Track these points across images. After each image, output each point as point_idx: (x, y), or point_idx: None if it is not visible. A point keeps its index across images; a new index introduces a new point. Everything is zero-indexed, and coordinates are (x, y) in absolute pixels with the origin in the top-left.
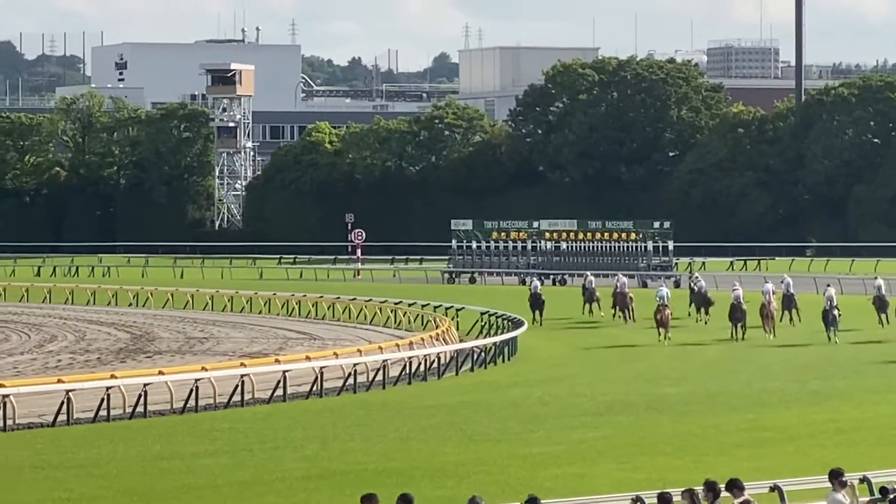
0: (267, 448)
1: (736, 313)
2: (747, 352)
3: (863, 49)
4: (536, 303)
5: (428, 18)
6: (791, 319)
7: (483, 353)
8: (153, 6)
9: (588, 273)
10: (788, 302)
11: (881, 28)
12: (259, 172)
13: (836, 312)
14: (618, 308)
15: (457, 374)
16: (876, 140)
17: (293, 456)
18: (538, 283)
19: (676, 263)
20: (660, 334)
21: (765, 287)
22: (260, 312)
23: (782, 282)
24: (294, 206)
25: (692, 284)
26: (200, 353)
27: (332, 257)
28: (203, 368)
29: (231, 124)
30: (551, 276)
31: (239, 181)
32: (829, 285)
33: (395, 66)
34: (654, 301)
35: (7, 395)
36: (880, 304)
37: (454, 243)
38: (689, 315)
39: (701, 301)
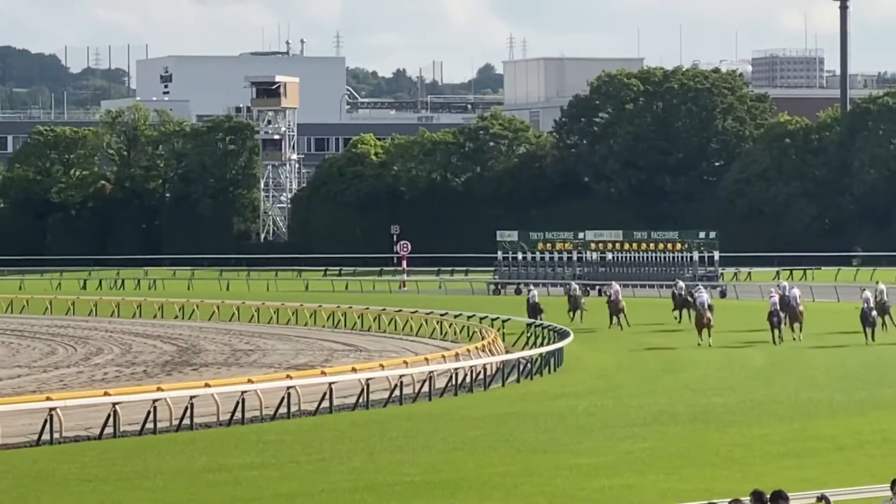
0: (313, 460)
1: (773, 318)
2: (793, 361)
3: None
4: (534, 312)
5: (472, 29)
6: (884, 325)
7: (529, 364)
8: (198, 19)
9: (572, 282)
10: (882, 309)
11: None
12: (304, 184)
13: (874, 314)
14: (612, 315)
15: (503, 385)
16: None
17: (340, 468)
18: (536, 293)
19: (722, 273)
20: (700, 337)
21: (792, 292)
22: (305, 324)
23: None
24: (339, 217)
25: (693, 293)
26: (246, 366)
27: (378, 269)
28: (249, 380)
29: (276, 137)
30: (596, 287)
31: (284, 193)
32: (877, 283)
33: (439, 77)
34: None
35: (54, 409)
36: (880, 309)
37: (500, 254)
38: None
39: (682, 303)
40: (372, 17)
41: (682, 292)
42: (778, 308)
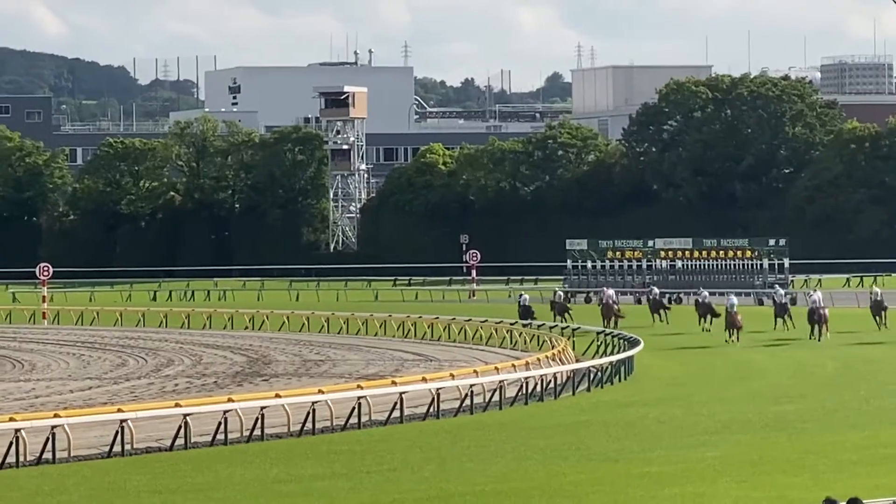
0: (384, 470)
1: (813, 316)
2: (864, 368)
3: None
4: (526, 314)
5: (541, 38)
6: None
7: (599, 373)
8: (267, 30)
9: (556, 289)
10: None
11: None
12: (373, 194)
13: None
14: (604, 319)
15: (573, 393)
16: None
17: (411, 478)
18: (527, 297)
19: (792, 281)
20: (730, 335)
21: (814, 296)
22: (376, 334)
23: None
24: (408, 227)
25: (698, 299)
26: (317, 376)
27: (447, 278)
28: (320, 391)
29: (345, 147)
30: (667, 295)
31: (353, 203)
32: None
33: (507, 86)
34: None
35: (125, 420)
36: (877, 309)
37: (569, 263)
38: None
39: (706, 310)
40: (440, 27)
41: (562, 300)
42: (819, 306)
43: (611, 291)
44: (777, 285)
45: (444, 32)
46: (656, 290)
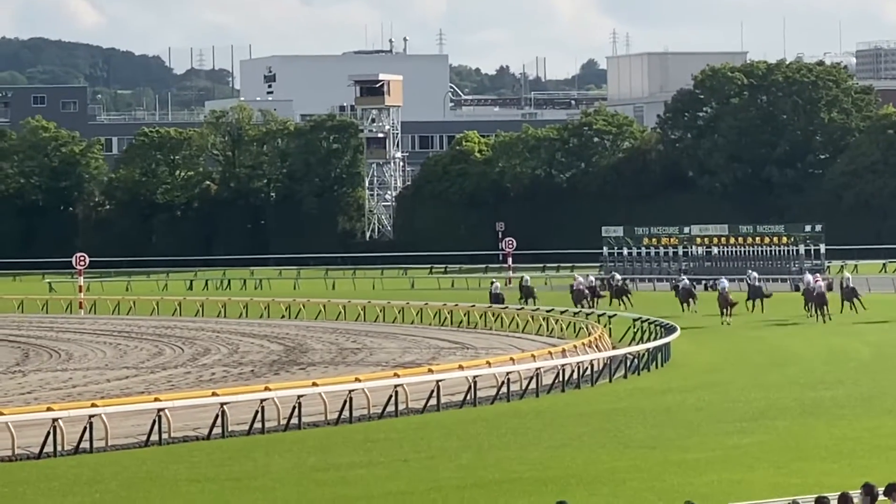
0: (422, 458)
1: (816, 298)
2: None
3: None
4: (496, 300)
5: (575, 25)
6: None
7: (636, 360)
8: (301, 18)
9: (524, 274)
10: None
11: None
12: (409, 182)
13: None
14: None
15: (610, 381)
16: None
17: (448, 465)
18: (499, 284)
19: (828, 266)
20: (722, 314)
21: (806, 277)
22: (412, 322)
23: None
24: (444, 215)
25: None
26: (353, 364)
27: (483, 266)
28: (356, 379)
29: (380, 135)
30: (703, 282)
31: (389, 191)
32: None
33: (542, 73)
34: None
35: (162, 409)
36: (849, 294)
37: (605, 250)
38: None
39: (687, 295)
40: (474, 15)
41: (529, 284)
42: (823, 292)
43: (581, 279)
44: (808, 272)
45: (479, 20)
46: (497, 284)
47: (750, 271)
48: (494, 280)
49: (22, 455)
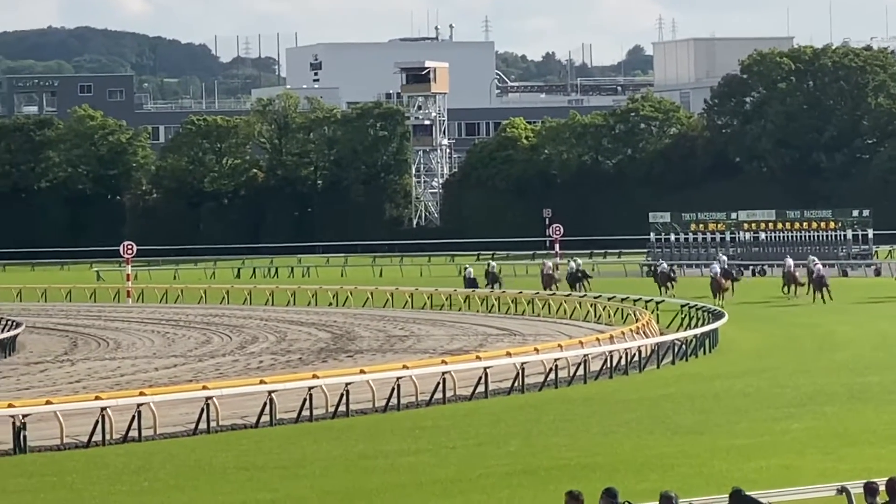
0: (470, 445)
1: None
2: None
3: None
4: (470, 285)
5: (621, 11)
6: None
7: (684, 346)
8: (347, 6)
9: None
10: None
11: None
12: (455, 169)
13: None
14: (545, 287)
15: (658, 367)
16: None
17: (496, 452)
18: (471, 270)
19: (876, 251)
20: (716, 297)
21: (787, 261)
22: (459, 309)
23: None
24: (491, 202)
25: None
26: (401, 351)
27: (531, 252)
28: (404, 366)
29: (426, 122)
30: (750, 267)
31: (435, 178)
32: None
33: (588, 59)
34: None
35: (210, 397)
36: (818, 283)
37: (652, 236)
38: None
39: (665, 279)
40: (520, 1)
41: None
42: (823, 274)
43: (549, 263)
44: (788, 256)
45: (525, 7)
46: (470, 269)
47: (811, 257)
48: (468, 266)
49: (70, 444)
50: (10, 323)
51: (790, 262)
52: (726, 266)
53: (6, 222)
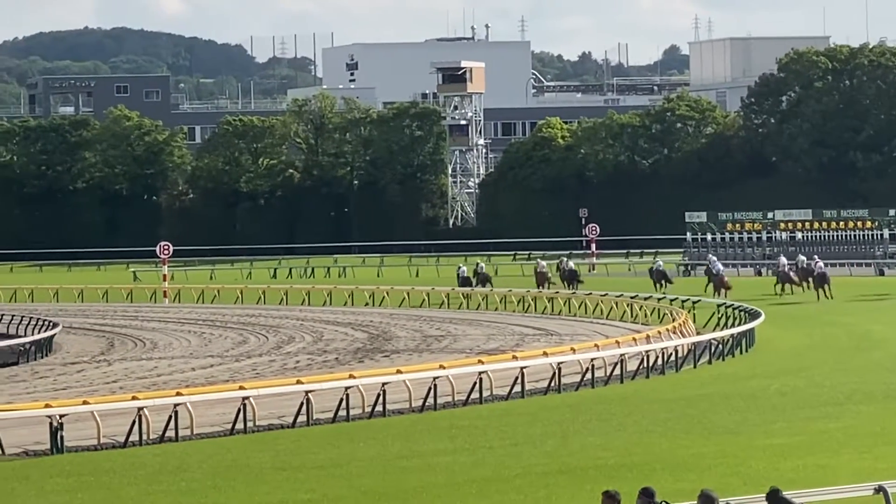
0: (506, 444)
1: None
2: None
3: None
4: (464, 284)
5: (657, 11)
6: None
7: (721, 346)
8: (383, 6)
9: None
10: (806, 274)
11: None
12: (491, 169)
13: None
14: (538, 285)
15: (695, 366)
16: None
17: (533, 452)
18: (465, 269)
19: None
20: (718, 294)
21: (781, 259)
22: (496, 309)
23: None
24: (527, 202)
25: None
26: (438, 352)
27: (567, 252)
28: (441, 366)
29: (463, 122)
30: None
31: (472, 178)
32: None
33: (625, 59)
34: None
35: (247, 397)
36: (820, 279)
37: (689, 236)
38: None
39: (660, 277)
40: (556, 1)
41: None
42: (824, 272)
43: (543, 262)
44: (782, 255)
45: (561, 6)
46: (464, 268)
47: (800, 257)
48: (461, 265)
49: (107, 444)
50: (47, 323)
51: (783, 260)
52: (817, 266)
53: (43, 223)
